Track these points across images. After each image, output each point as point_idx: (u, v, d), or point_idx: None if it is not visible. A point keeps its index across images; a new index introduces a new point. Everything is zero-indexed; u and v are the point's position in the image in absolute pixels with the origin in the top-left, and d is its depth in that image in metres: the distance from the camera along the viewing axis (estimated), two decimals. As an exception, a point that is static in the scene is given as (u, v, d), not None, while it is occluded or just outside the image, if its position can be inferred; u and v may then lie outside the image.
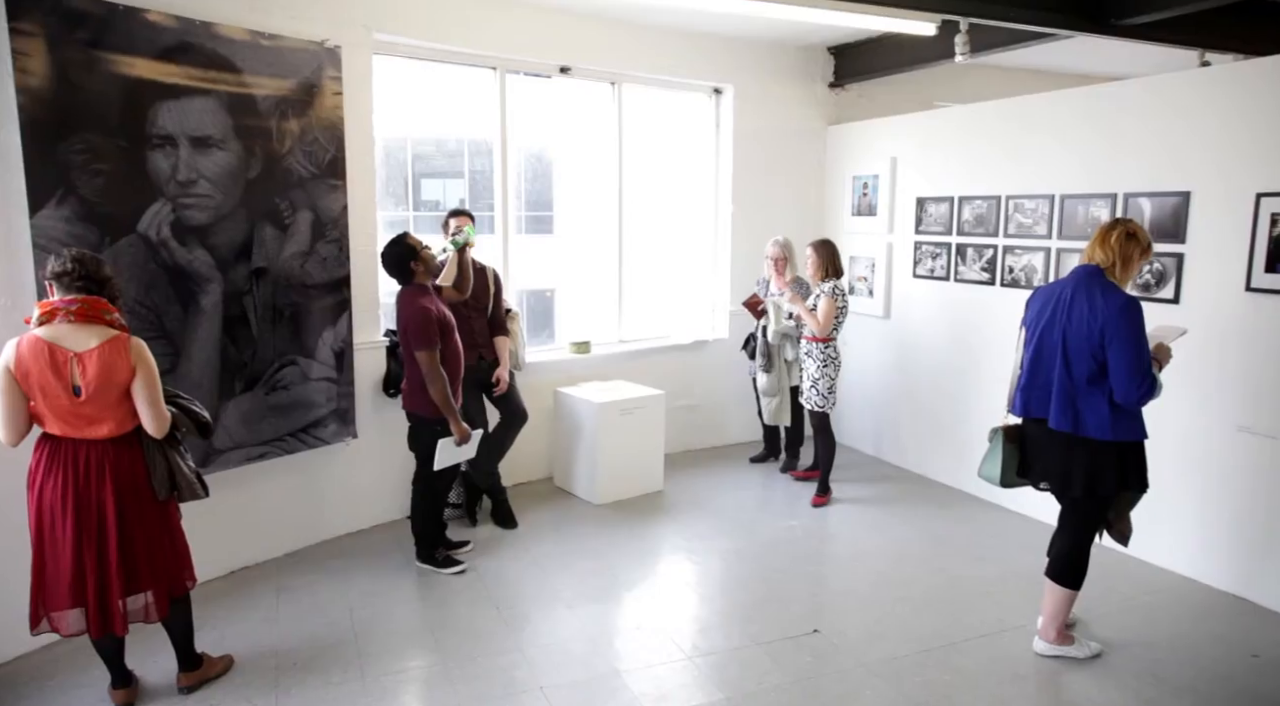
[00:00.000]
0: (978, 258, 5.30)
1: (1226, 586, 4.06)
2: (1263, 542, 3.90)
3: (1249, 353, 3.91)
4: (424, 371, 3.95)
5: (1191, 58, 5.45)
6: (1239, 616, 3.83)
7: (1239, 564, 4.01)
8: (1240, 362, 3.95)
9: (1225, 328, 3.97)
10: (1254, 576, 3.95)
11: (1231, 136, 4.02)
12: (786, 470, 5.84)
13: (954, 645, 3.59)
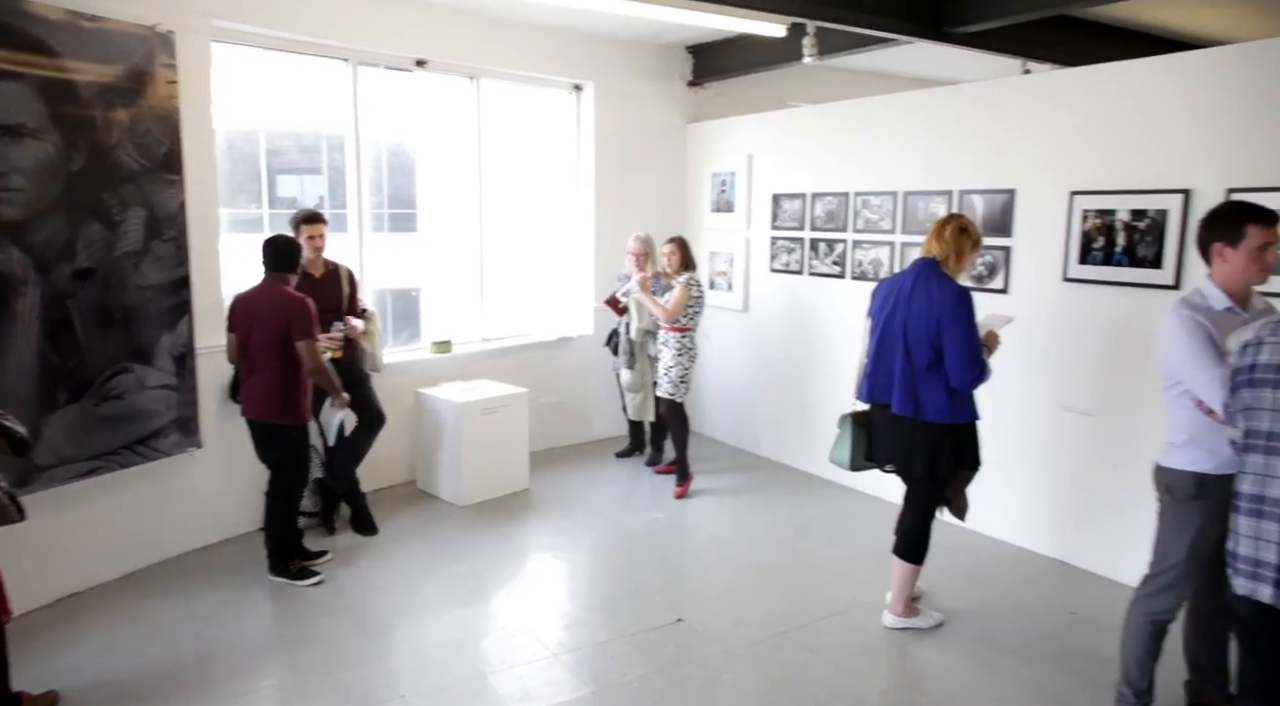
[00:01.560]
0: (829, 252, 5.53)
1: (1052, 553, 4.40)
2: (1082, 512, 4.25)
3: (1068, 337, 4.24)
4: (307, 364, 3.84)
5: (1016, 66, 5.86)
6: (1062, 579, 4.16)
7: (1062, 532, 4.36)
8: (1061, 346, 4.28)
9: (1047, 315, 4.30)
10: (1074, 542, 4.30)
11: (1049, 139, 4.35)
12: (652, 464, 5.91)
13: (810, 625, 3.73)
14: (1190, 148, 3.82)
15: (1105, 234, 4.08)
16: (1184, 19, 5.58)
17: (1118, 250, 4.03)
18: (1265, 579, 2.16)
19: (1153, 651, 2.87)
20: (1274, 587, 2.14)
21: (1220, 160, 3.73)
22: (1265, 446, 2.16)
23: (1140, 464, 2.99)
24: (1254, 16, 5.46)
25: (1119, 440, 3.99)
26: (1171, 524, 2.81)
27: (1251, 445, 2.20)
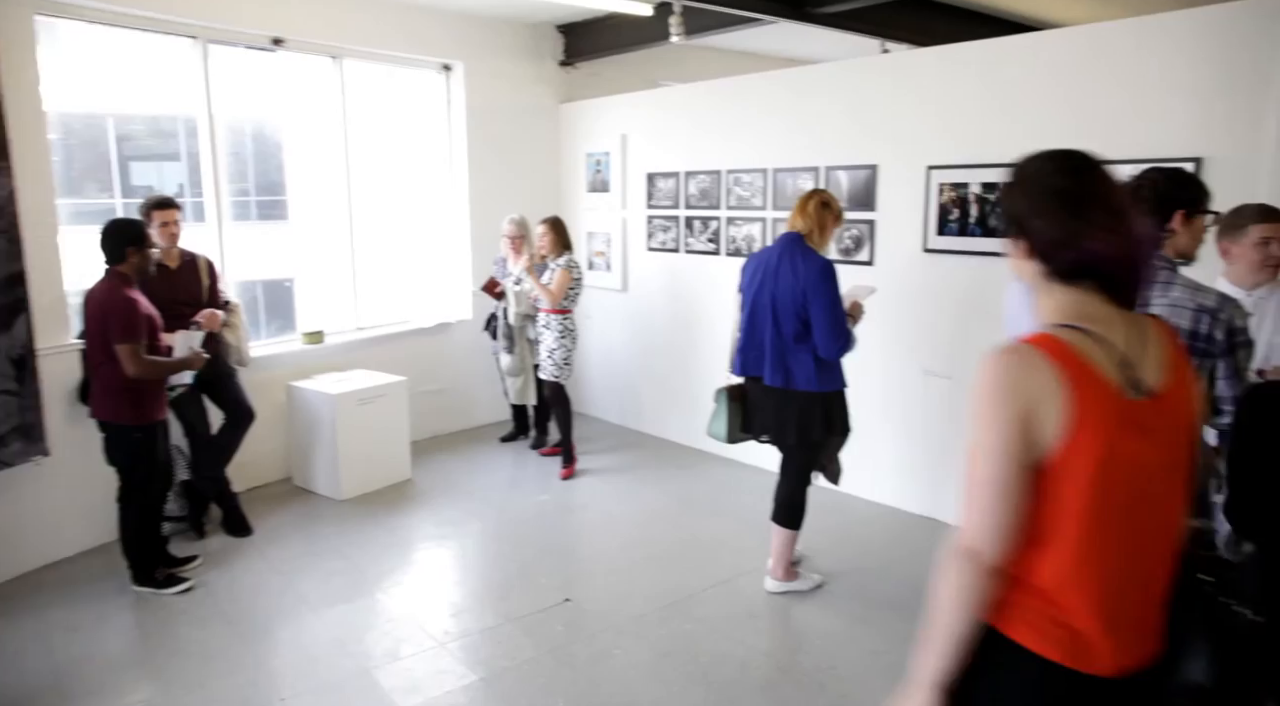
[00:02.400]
0: (704, 229, 5.62)
1: (921, 510, 4.64)
2: (946, 469, 4.48)
3: (928, 305, 4.46)
4: (128, 369, 3.54)
5: (875, 46, 6.07)
6: (930, 534, 4.38)
7: (929, 489, 4.60)
8: (922, 314, 4.50)
9: (909, 284, 4.50)
10: (940, 499, 4.54)
11: (907, 116, 4.54)
12: (536, 447, 5.89)
13: (696, 595, 3.81)
14: (1035, 124, 4.06)
15: (960, 206, 4.30)
16: (1027, 4, 5.91)
17: (972, 221, 4.26)
18: None
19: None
20: None
21: (1059, 135, 3.96)
22: None
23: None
24: (1088, 2, 5.83)
25: (976, 401, 4.23)
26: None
27: None
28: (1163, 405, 1.37)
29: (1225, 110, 3.52)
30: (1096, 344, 1.36)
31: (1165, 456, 1.37)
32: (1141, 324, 1.42)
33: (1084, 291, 1.41)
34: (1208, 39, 3.56)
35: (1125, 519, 1.35)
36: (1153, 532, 1.39)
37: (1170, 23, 3.69)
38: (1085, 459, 1.32)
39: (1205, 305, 2.14)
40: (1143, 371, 1.37)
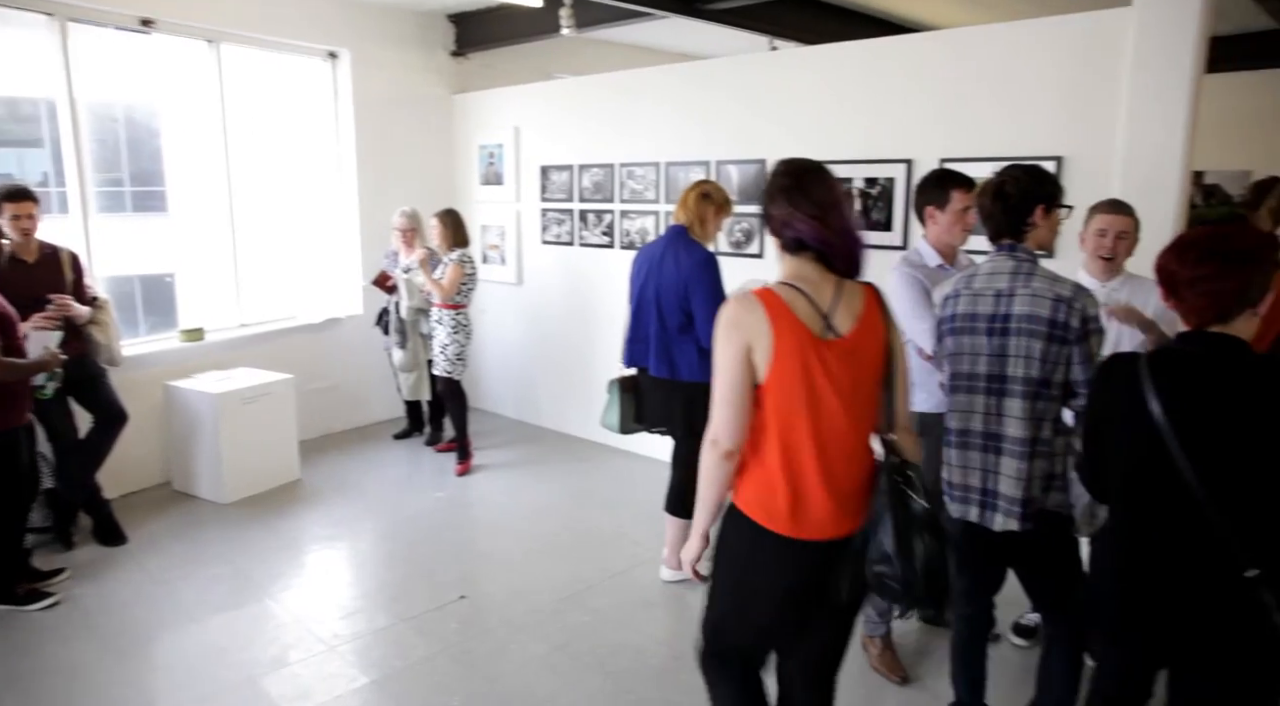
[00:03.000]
0: (598, 222, 5.63)
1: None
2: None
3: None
4: None
5: (764, 43, 6.20)
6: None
7: None
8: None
9: (796, 277, 4.61)
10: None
11: (794, 112, 4.66)
12: (431, 444, 5.79)
13: (592, 587, 3.83)
14: (911, 121, 4.23)
15: (843, 200, 4.43)
16: (906, 6, 6.14)
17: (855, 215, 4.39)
18: (973, 501, 2.47)
19: (890, 574, 3.21)
20: (979, 508, 2.45)
21: (935, 133, 4.16)
22: (967, 386, 2.46)
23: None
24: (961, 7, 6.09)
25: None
26: (898, 459, 3.13)
27: (956, 386, 2.49)
28: (848, 343, 1.90)
29: (1082, 113, 3.75)
30: (803, 298, 1.89)
31: (850, 378, 1.90)
32: (848, 287, 1.95)
33: (804, 261, 1.95)
34: (1067, 46, 3.78)
35: (816, 423, 1.89)
36: (840, 435, 1.91)
37: (1034, 29, 3.90)
38: (785, 378, 1.87)
39: (1062, 295, 2.29)
40: (836, 320, 1.90)
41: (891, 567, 1.87)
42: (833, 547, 1.92)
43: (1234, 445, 1.68)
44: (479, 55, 6.63)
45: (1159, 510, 1.76)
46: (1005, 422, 2.37)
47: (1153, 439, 1.73)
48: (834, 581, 1.94)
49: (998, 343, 2.36)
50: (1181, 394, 1.72)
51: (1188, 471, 1.69)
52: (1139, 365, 1.80)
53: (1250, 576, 1.66)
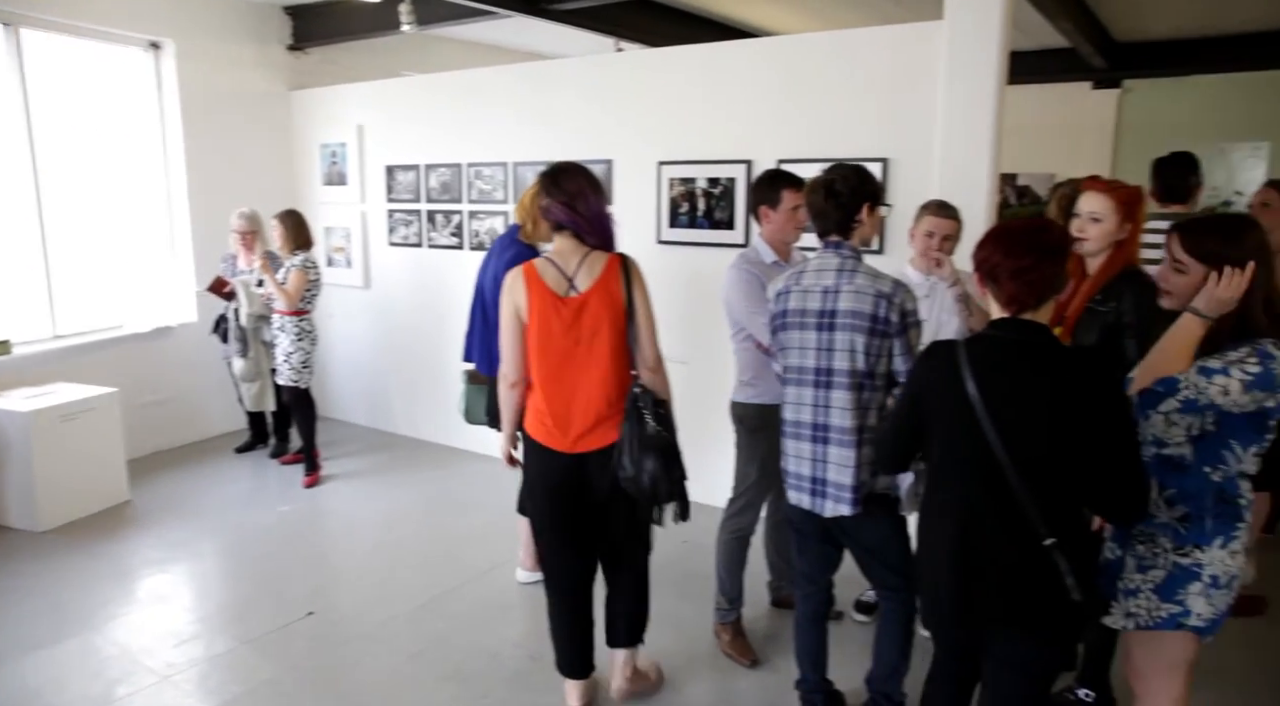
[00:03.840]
0: (446, 223, 5.53)
1: (668, 491, 4.87)
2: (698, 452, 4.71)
3: (663, 294, 4.60)
4: None
5: (610, 44, 6.27)
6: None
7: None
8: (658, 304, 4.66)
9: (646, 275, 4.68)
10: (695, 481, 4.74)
11: (640, 113, 4.73)
12: (276, 456, 5.53)
13: (448, 593, 3.77)
14: (750, 123, 4.38)
15: (689, 200, 4.55)
16: (745, 11, 6.35)
17: (699, 214, 4.52)
18: (805, 489, 2.59)
19: (740, 562, 3.31)
20: (811, 495, 2.57)
21: (772, 135, 4.32)
22: (797, 379, 2.57)
23: (726, 402, 3.40)
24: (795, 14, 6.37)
25: (709, 383, 4.50)
26: (744, 451, 3.25)
27: (788, 379, 2.60)
28: (583, 299, 2.56)
29: (904, 117, 3.99)
30: (553, 268, 2.59)
31: (588, 326, 2.56)
32: (594, 256, 2.61)
33: (564, 237, 2.62)
34: (889, 54, 4.02)
35: (561, 363, 2.58)
36: (580, 374, 2.58)
37: (860, 38, 4.12)
38: (538, 328, 2.57)
39: (882, 291, 2.43)
40: (578, 281, 2.57)
41: (627, 473, 2.55)
42: (586, 457, 2.62)
43: (1035, 423, 1.83)
44: (318, 50, 6.38)
45: (973, 482, 1.90)
46: (832, 413, 2.49)
47: (968, 416, 1.87)
48: (592, 483, 2.64)
49: (825, 337, 2.48)
50: (993, 375, 1.87)
51: (996, 446, 1.83)
52: (957, 349, 1.94)
53: (1048, 544, 1.82)
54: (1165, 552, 2.06)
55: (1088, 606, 1.87)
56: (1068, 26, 5.62)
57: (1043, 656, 1.96)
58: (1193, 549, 2.03)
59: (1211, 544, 2.02)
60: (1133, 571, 2.12)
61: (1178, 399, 1.95)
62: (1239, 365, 1.91)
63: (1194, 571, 2.03)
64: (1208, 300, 1.95)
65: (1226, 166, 7.10)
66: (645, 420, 2.54)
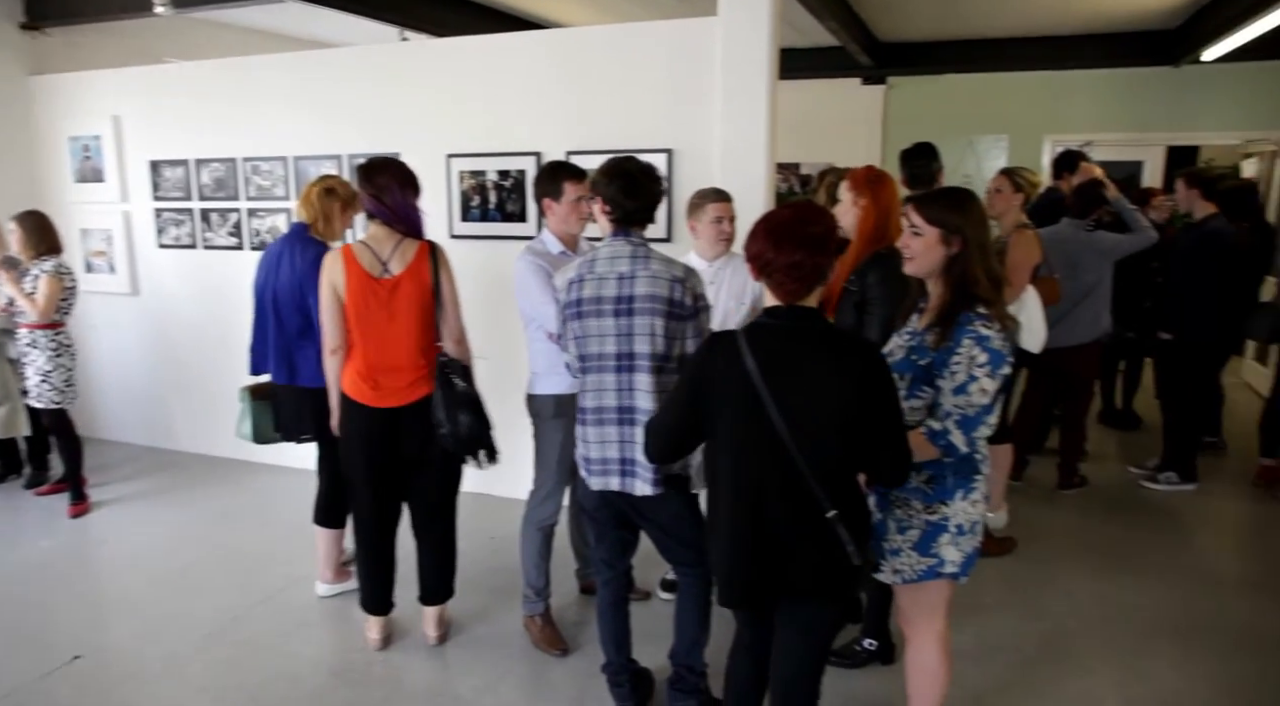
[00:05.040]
0: (223, 222, 5.16)
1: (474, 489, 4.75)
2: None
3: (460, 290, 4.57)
4: None
5: (394, 33, 6.06)
6: (484, 510, 4.53)
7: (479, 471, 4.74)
8: (456, 300, 4.62)
9: (441, 271, 4.60)
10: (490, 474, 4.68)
11: (427, 104, 4.61)
12: (33, 486, 4.94)
13: (240, 617, 3.54)
14: (538, 115, 4.38)
15: (480, 193, 4.49)
16: (531, 3, 6.33)
17: (491, 207, 4.47)
18: (613, 471, 2.62)
19: (544, 553, 3.32)
20: (620, 476, 2.61)
21: (560, 127, 4.35)
22: (598, 366, 2.60)
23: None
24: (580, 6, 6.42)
25: (509, 377, 4.46)
26: (543, 442, 3.26)
27: (588, 367, 2.62)
28: (395, 281, 2.93)
29: (687, 109, 4.13)
30: (368, 251, 2.94)
31: (401, 304, 2.93)
32: (406, 243, 2.98)
33: (376, 225, 2.97)
34: (670, 48, 4.14)
35: (375, 334, 2.95)
36: (394, 339, 2.96)
37: (643, 31, 4.22)
38: (354, 303, 2.91)
39: (676, 275, 2.51)
40: (391, 265, 2.94)
41: (445, 429, 2.97)
42: (397, 413, 2.99)
43: (814, 404, 1.95)
44: (60, 31, 5.75)
45: (757, 462, 2.00)
46: (637, 396, 2.55)
47: (752, 401, 1.96)
48: (403, 438, 3.02)
49: (624, 322, 2.52)
50: (773, 360, 1.97)
51: (780, 428, 1.93)
52: (738, 338, 2.03)
53: (830, 516, 1.95)
54: (918, 513, 2.27)
55: (865, 568, 2.03)
56: (834, 25, 6.02)
57: (825, 617, 2.12)
58: (939, 505, 2.24)
59: (954, 498, 2.24)
60: (894, 533, 2.32)
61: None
62: (971, 367, 2.12)
63: (942, 525, 2.25)
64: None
65: (976, 157, 7.88)
66: (454, 382, 2.99)
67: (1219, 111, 7.51)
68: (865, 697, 2.98)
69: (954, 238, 2.20)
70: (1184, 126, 7.70)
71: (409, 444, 3.03)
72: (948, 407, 2.15)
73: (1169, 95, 7.54)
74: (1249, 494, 4.88)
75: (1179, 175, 4.98)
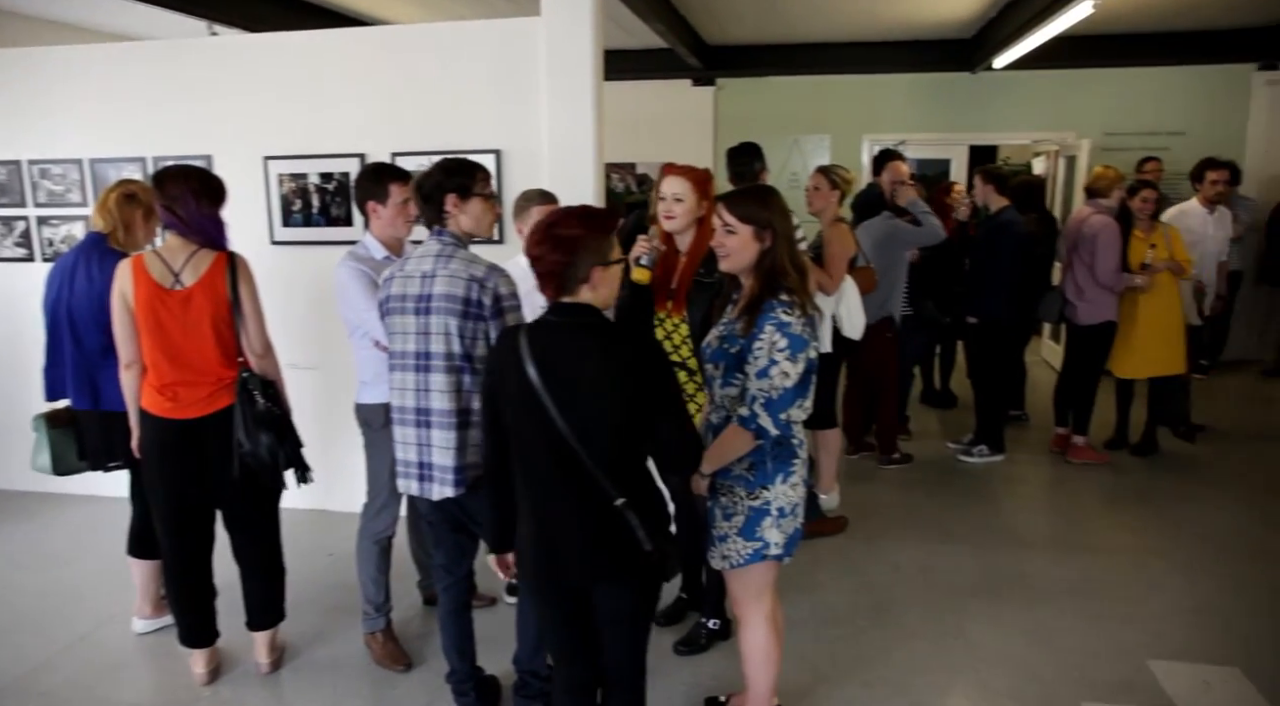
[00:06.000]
0: (9, 231, 4.69)
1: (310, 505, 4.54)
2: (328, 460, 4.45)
3: (284, 298, 4.34)
4: None
5: (203, 27, 5.70)
6: (321, 526, 4.35)
7: (318, 482, 4.52)
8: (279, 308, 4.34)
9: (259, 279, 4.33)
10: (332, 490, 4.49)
11: (241, 104, 4.36)
12: None
13: (40, 667, 3.21)
14: (361, 116, 4.24)
15: (302, 197, 4.30)
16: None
17: (315, 211, 4.29)
18: (413, 475, 2.58)
19: (383, 567, 3.21)
20: (419, 480, 2.57)
21: (385, 127, 4.22)
22: (400, 364, 2.56)
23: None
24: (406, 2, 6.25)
25: (342, 387, 4.29)
26: (374, 452, 3.16)
27: (393, 365, 2.59)
28: (188, 293, 2.77)
29: (514, 110, 4.11)
30: (160, 261, 2.78)
31: (192, 316, 2.78)
32: (201, 254, 2.80)
33: (171, 235, 2.82)
34: (496, 48, 4.10)
35: (168, 347, 2.78)
36: (187, 352, 2.79)
37: (468, 30, 4.17)
38: (143, 315, 2.76)
39: (475, 275, 2.48)
40: (184, 276, 2.77)
41: (245, 449, 2.81)
42: (196, 425, 2.82)
43: (592, 398, 1.97)
44: None
45: (544, 456, 2.02)
46: (432, 397, 2.51)
47: (532, 397, 1.97)
48: (205, 453, 2.83)
49: (423, 321, 2.50)
50: (550, 357, 1.98)
51: (560, 423, 1.95)
52: (520, 335, 2.03)
53: (619, 505, 1.98)
54: (742, 499, 2.36)
55: (662, 554, 2.04)
56: (661, 28, 6.15)
57: (633, 604, 2.14)
58: (760, 490, 2.34)
59: (775, 481, 2.34)
60: (721, 520, 2.40)
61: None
62: (772, 352, 2.21)
63: (764, 509, 2.34)
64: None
65: (802, 156, 8.26)
66: (255, 399, 2.83)
67: (1011, 114, 8.22)
68: (711, 680, 3.07)
69: (765, 232, 2.30)
70: (983, 128, 8.38)
71: (215, 460, 2.84)
72: (753, 392, 2.24)
73: (969, 99, 8.18)
74: (1048, 460, 5.38)
75: (976, 172, 5.41)
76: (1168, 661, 3.15)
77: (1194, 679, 3.06)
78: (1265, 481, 4.99)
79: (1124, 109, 7.96)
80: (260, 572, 3.09)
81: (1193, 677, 3.06)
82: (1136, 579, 3.81)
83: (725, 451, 2.31)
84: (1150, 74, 7.82)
